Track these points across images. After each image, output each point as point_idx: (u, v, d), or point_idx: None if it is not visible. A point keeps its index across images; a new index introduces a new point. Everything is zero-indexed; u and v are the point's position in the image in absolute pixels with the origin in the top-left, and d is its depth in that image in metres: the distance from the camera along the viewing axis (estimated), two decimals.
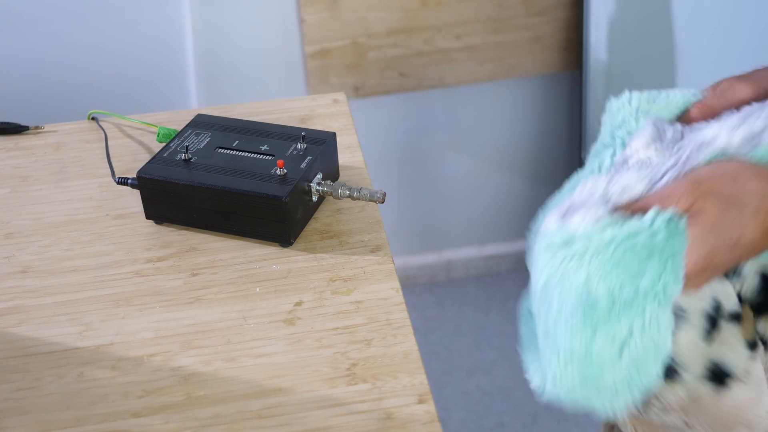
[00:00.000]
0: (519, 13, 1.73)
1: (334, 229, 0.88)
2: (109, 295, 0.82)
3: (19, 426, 0.70)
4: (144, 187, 0.88)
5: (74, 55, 1.58)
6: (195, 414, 0.70)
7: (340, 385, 0.72)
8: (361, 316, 0.78)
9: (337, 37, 1.68)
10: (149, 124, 1.05)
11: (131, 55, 1.61)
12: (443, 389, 1.83)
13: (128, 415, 0.71)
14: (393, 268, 0.83)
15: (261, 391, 0.72)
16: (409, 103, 1.83)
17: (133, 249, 0.87)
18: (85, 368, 0.75)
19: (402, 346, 0.75)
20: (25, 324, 0.79)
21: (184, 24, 1.61)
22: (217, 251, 0.86)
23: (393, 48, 1.71)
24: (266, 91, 1.71)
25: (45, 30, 1.55)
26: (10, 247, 0.88)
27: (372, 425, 0.69)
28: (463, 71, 1.78)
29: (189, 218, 0.88)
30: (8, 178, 0.98)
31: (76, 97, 1.58)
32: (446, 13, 1.70)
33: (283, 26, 1.67)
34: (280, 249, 0.86)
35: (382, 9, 1.67)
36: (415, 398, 0.71)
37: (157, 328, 0.78)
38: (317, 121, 1.06)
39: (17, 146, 1.04)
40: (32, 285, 0.83)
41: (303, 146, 0.89)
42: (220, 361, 0.75)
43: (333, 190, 0.87)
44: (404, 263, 2.01)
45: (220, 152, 0.90)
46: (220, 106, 1.09)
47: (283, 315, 0.79)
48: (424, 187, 1.96)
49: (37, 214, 0.92)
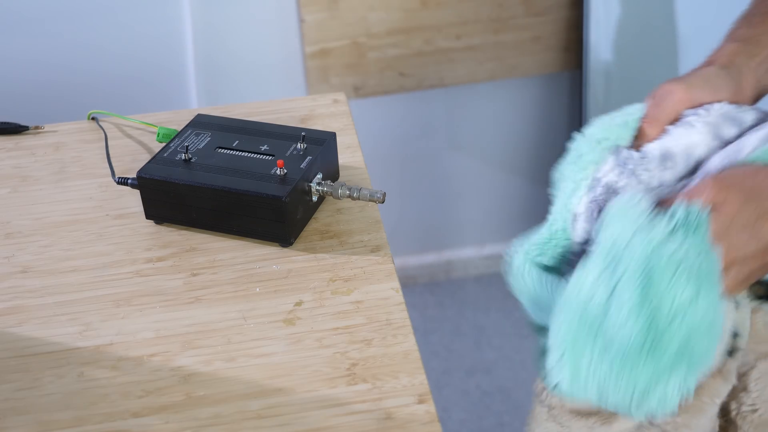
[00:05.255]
0: (519, 13, 1.73)
1: (334, 229, 0.88)
2: (109, 295, 0.82)
3: (19, 426, 0.70)
4: (144, 187, 0.88)
5: (74, 55, 1.58)
6: (195, 414, 0.70)
7: (340, 385, 0.72)
8: (361, 316, 0.78)
9: (337, 37, 1.68)
10: (149, 124, 1.05)
11: (131, 55, 1.61)
12: (443, 389, 1.83)
13: (128, 415, 0.71)
14: (393, 268, 0.83)
15: (261, 391, 0.72)
16: (409, 103, 1.83)
17: (133, 249, 0.87)
18: (85, 368, 0.75)
19: (402, 346, 0.75)
20: (25, 324, 0.79)
21: (184, 24, 1.61)
22: (217, 251, 0.86)
23: (393, 48, 1.72)
24: (266, 91, 1.71)
25: (45, 30, 1.55)
26: (10, 247, 0.88)
27: (372, 425, 0.69)
28: (463, 71, 1.78)
29: (189, 218, 0.88)
30: (8, 178, 0.98)
31: (76, 97, 1.58)
32: (446, 13, 1.70)
33: (282, 26, 1.67)
34: (280, 249, 0.86)
35: (382, 9, 1.67)
36: (415, 398, 0.71)
37: (157, 328, 0.78)
38: (317, 121, 1.06)
39: (17, 146, 1.04)
40: (32, 285, 0.83)
41: (303, 146, 0.89)
42: (220, 361, 0.75)
43: (333, 190, 0.87)
44: (404, 263, 2.01)
45: (220, 152, 0.90)
46: (220, 106, 1.09)
47: (283, 315, 0.79)
48: (424, 187, 1.96)
49: (37, 214, 0.93)
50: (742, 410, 0.75)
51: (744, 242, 0.64)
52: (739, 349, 0.71)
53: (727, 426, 0.77)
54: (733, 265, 0.64)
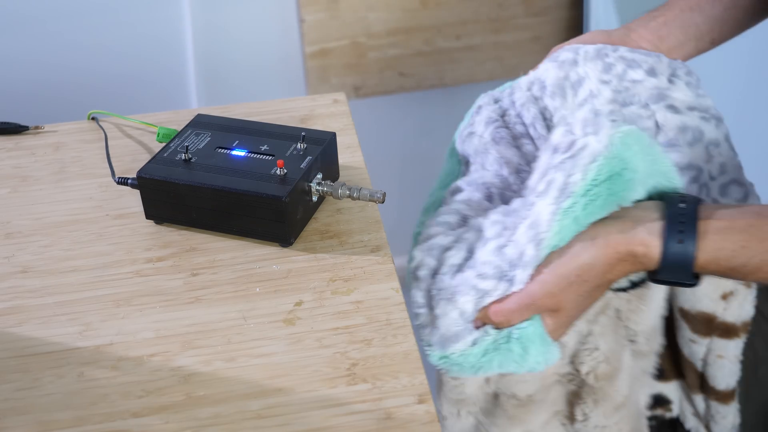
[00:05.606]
0: (519, 13, 1.73)
1: (334, 229, 0.88)
2: (109, 295, 0.82)
3: (19, 426, 0.70)
4: (144, 187, 0.88)
5: (74, 55, 1.58)
6: (195, 414, 0.70)
7: (340, 385, 0.72)
8: (361, 316, 0.78)
9: (336, 37, 1.68)
10: (149, 124, 1.05)
11: (131, 55, 1.61)
12: None
13: (128, 415, 0.71)
14: (393, 268, 0.83)
15: (261, 391, 0.72)
16: (409, 103, 1.83)
17: (133, 249, 0.87)
18: (85, 368, 0.75)
19: (402, 346, 0.75)
20: (25, 324, 0.79)
21: (184, 24, 1.61)
22: (217, 251, 0.86)
23: (393, 48, 1.71)
24: (266, 91, 1.71)
25: (45, 30, 1.54)
26: (10, 247, 0.88)
27: (372, 425, 0.69)
28: (463, 71, 1.77)
29: (189, 218, 0.88)
30: (8, 178, 0.98)
31: (76, 97, 1.58)
32: (446, 13, 1.70)
33: (282, 26, 1.67)
34: (280, 249, 0.86)
35: (382, 9, 1.67)
36: (415, 398, 0.71)
37: (157, 328, 0.78)
38: (317, 121, 1.06)
39: (17, 146, 1.04)
40: (32, 285, 0.83)
41: (303, 146, 0.89)
42: (220, 361, 0.75)
43: (333, 190, 0.87)
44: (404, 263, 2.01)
45: (220, 152, 0.90)
46: (220, 106, 1.09)
47: (283, 315, 0.79)
48: (424, 187, 1.95)
49: (37, 214, 0.92)
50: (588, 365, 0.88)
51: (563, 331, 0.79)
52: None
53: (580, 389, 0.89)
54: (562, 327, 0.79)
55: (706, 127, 0.87)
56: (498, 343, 0.76)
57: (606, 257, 0.73)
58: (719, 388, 0.92)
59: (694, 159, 0.86)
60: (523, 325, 0.76)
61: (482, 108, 0.94)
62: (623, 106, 0.89)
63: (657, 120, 0.88)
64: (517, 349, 0.76)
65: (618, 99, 0.89)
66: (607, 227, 0.74)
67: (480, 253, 0.76)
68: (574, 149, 0.76)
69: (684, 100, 0.89)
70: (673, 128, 0.87)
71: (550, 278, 0.74)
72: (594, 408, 0.89)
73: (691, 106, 0.89)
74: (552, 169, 0.77)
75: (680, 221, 0.72)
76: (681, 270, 0.72)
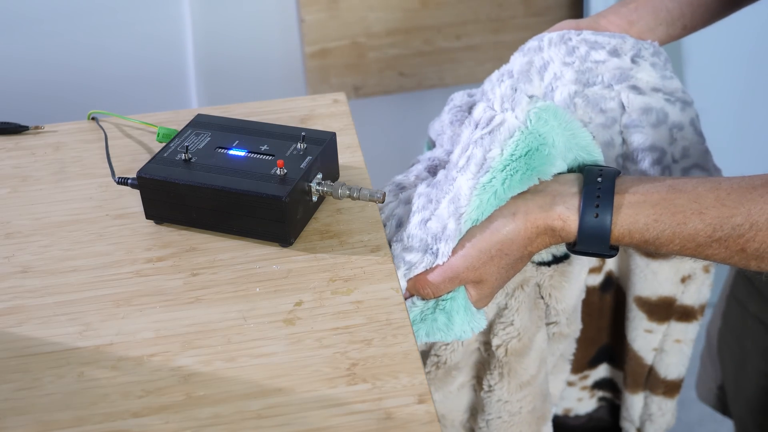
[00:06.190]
0: (519, 13, 1.73)
1: (334, 229, 0.88)
2: (109, 295, 0.82)
3: (19, 426, 0.70)
4: (144, 187, 0.88)
5: (74, 55, 1.58)
6: (195, 414, 0.70)
7: (340, 385, 0.72)
8: (361, 316, 0.78)
9: (336, 37, 1.68)
10: (149, 124, 1.05)
11: (131, 55, 1.61)
12: None
13: (128, 415, 0.71)
14: (393, 268, 0.83)
15: (261, 391, 0.72)
16: (409, 103, 1.83)
17: (133, 249, 0.87)
18: (85, 368, 0.75)
19: (402, 346, 0.75)
20: (25, 324, 0.79)
21: (184, 24, 1.61)
22: (217, 251, 0.86)
23: (393, 48, 1.72)
24: (266, 91, 1.71)
25: (45, 30, 1.55)
26: (10, 247, 0.88)
27: (372, 425, 0.69)
28: (463, 71, 1.78)
29: (189, 218, 0.88)
30: (8, 178, 0.98)
31: (76, 97, 1.58)
32: (446, 13, 1.70)
33: (282, 26, 1.67)
34: (280, 249, 0.86)
35: (382, 9, 1.67)
36: (415, 398, 0.71)
37: (157, 328, 0.78)
38: (317, 121, 1.06)
39: (17, 146, 1.04)
40: (32, 285, 0.83)
41: (303, 146, 0.89)
42: (220, 361, 0.75)
43: (333, 190, 0.87)
44: None
45: (220, 152, 0.90)
46: (220, 106, 1.09)
47: (283, 315, 0.79)
48: None
49: (37, 214, 0.92)
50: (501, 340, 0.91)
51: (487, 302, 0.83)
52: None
53: (489, 358, 0.93)
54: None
55: (671, 110, 0.88)
56: (425, 313, 0.81)
57: (526, 231, 0.76)
58: (671, 378, 0.93)
59: (657, 140, 0.86)
60: (448, 296, 0.80)
61: (453, 99, 0.98)
62: (586, 86, 0.90)
63: (621, 100, 0.88)
64: (442, 318, 0.80)
65: (581, 79, 0.90)
66: (527, 202, 0.76)
67: (408, 227, 0.82)
68: (493, 125, 0.79)
69: (648, 81, 0.90)
70: (636, 109, 0.88)
71: (472, 252, 0.77)
72: (499, 381, 0.92)
73: (655, 87, 0.89)
74: (472, 144, 0.79)
75: (596, 195, 0.74)
76: (598, 243, 0.75)
